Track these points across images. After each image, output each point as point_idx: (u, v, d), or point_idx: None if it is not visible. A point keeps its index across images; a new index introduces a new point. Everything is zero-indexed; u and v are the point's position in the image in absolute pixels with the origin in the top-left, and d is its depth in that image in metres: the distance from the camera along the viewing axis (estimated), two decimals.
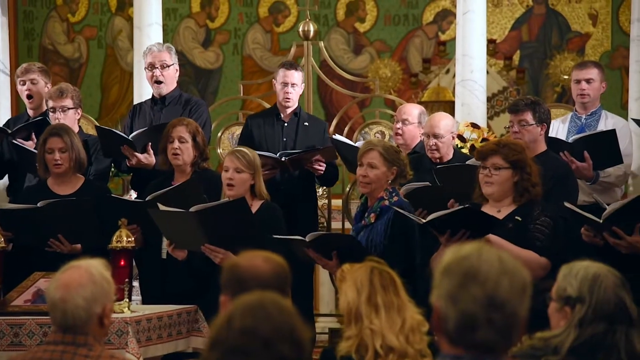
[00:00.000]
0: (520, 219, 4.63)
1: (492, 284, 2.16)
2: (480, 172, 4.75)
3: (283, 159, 6.18)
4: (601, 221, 4.48)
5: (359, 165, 5.11)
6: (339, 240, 5.14)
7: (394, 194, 5.06)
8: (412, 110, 6.54)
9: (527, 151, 4.87)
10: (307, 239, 4.89)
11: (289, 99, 6.54)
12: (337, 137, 6.66)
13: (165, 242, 5.52)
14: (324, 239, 4.97)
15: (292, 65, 6.65)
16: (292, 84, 6.53)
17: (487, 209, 4.75)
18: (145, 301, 5.84)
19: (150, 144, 6.02)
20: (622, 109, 9.65)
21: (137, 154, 6.00)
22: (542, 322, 2.89)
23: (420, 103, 9.57)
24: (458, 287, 2.18)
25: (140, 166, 6.06)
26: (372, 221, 5.00)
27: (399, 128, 6.50)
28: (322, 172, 6.34)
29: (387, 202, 5.02)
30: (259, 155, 5.78)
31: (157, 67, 6.39)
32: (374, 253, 4.63)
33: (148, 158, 6.01)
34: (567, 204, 4.64)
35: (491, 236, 4.54)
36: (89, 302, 2.87)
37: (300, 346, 2.15)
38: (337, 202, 7.72)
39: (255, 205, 5.27)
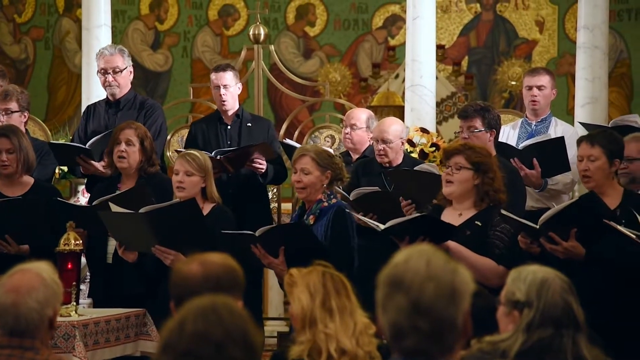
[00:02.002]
0: (480, 224, 4.65)
1: (416, 291, 2.17)
2: (444, 171, 4.78)
3: (218, 157, 6.14)
4: (538, 227, 4.52)
5: (293, 171, 5.12)
6: (291, 230, 5.11)
7: (332, 197, 5.09)
8: (360, 115, 6.57)
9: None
10: (256, 234, 4.87)
11: (224, 101, 6.51)
12: (287, 141, 6.66)
13: (112, 245, 5.48)
14: (274, 233, 4.93)
15: (222, 67, 6.61)
16: (224, 86, 6.50)
17: (449, 211, 4.77)
18: (97, 304, 5.79)
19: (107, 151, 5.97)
20: (568, 115, 9.78)
21: (94, 162, 5.94)
22: None
23: (369, 107, 9.61)
24: (385, 297, 2.20)
25: (97, 174, 6.01)
26: (311, 223, 5.01)
27: (347, 133, 6.52)
28: (262, 171, 6.32)
29: (326, 204, 5.04)
30: None
31: (110, 72, 6.35)
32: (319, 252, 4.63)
33: (105, 167, 5.95)
34: (503, 212, 4.67)
35: (450, 243, 4.56)
36: (42, 305, 2.84)
37: (252, 350, 2.15)
38: (287, 206, 7.73)
39: (206, 208, 5.26)
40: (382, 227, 4.67)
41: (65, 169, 7.22)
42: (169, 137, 7.67)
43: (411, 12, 7.88)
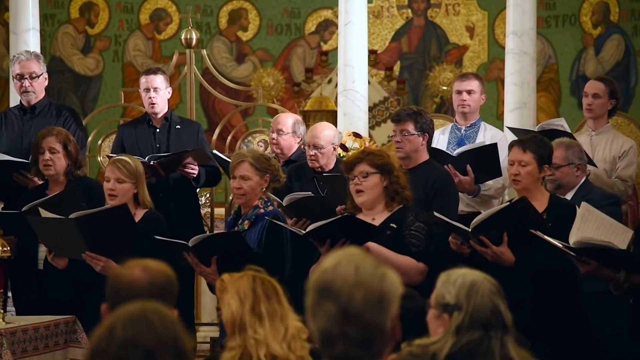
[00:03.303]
0: (395, 227, 4.70)
1: (345, 298, 2.18)
2: (350, 184, 4.81)
3: (152, 162, 6.11)
4: (470, 230, 4.58)
5: (232, 178, 5.11)
6: (224, 239, 5.10)
7: (269, 204, 5.09)
8: (287, 120, 6.58)
9: (408, 160, 4.95)
10: (190, 244, 4.85)
11: (153, 104, 6.48)
12: (216, 152, 6.64)
13: (42, 251, 5.41)
14: (207, 242, 4.92)
15: (152, 70, 6.58)
16: (155, 89, 6.47)
17: (361, 217, 4.80)
18: (19, 312, 5.70)
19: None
20: (498, 120, 9.91)
21: (33, 177, 5.86)
22: None
23: (302, 112, 9.64)
24: (314, 304, 2.20)
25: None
26: (246, 228, 5.00)
27: (274, 138, 6.53)
28: (194, 175, 6.30)
29: (262, 210, 5.04)
30: None
31: (26, 78, 6.29)
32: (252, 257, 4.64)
33: (32, 176, 5.86)
34: (436, 214, 4.73)
35: (370, 244, 4.60)
36: None
37: (183, 356, 2.14)
38: (220, 211, 7.70)
39: (138, 214, 5.22)
40: (303, 232, 4.70)
41: None
42: (100, 142, 7.59)
43: (343, 17, 7.91)
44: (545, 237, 4.41)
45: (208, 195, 7.82)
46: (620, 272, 4.37)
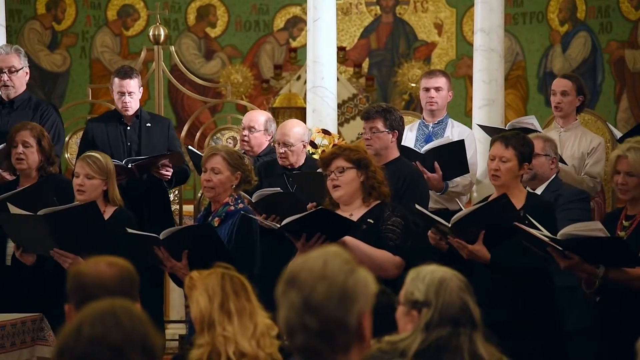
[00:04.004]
0: (372, 222, 4.71)
1: (308, 289, 2.19)
2: (327, 179, 4.81)
3: (129, 165, 6.10)
4: (449, 226, 4.60)
5: (203, 170, 5.10)
6: (196, 231, 5.09)
7: (239, 201, 5.08)
8: (259, 118, 6.58)
9: (378, 157, 4.95)
10: (160, 237, 4.83)
11: (127, 107, 6.49)
12: (191, 149, 6.64)
13: (11, 247, 5.37)
14: (178, 235, 4.90)
15: (127, 73, 6.54)
16: (129, 92, 6.47)
17: (339, 213, 4.81)
18: None
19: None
20: (466, 117, 9.95)
21: (4, 172, 5.81)
22: None
23: (271, 109, 9.63)
24: (281, 294, 2.22)
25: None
26: (216, 225, 4.99)
27: (245, 135, 6.53)
28: (168, 178, 6.29)
29: (232, 208, 5.03)
30: None
31: (5, 72, 6.27)
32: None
33: (4, 171, 5.82)
34: (418, 207, 4.75)
35: (347, 238, 4.61)
36: None
37: (151, 354, 2.13)
38: (188, 208, 7.67)
39: (108, 212, 5.19)
40: (278, 226, 4.69)
41: None
42: (67, 139, 7.54)
43: (312, 14, 7.91)
44: (532, 230, 4.42)
45: (177, 192, 7.79)
46: (600, 268, 4.39)
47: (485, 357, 2.81)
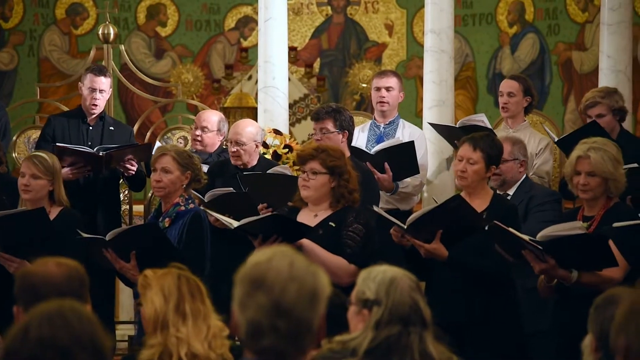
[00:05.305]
0: (334, 225, 4.71)
1: (278, 291, 2.18)
2: (300, 176, 4.82)
3: (101, 153, 6.10)
4: (405, 227, 4.62)
5: (152, 170, 5.08)
6: (142, 231, 5.04)
7: (190, 201, 5.06)
8: (212, 118, 6.57)
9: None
10: (107, 238, 4.79)
11: (95, 104, 6.47)
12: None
13: None
14: (125, 235, 4.86)
15: (101, 71, 6.54)
16: (100, 90, 6.48)
17: (305, 212, 4.81)
18: None
19: None
20: (416, 117, 10.00)
21: None
22: None
23: (222, 109, 9.60)
24: (246, 295, 2.20)
25: None
26: (167, 226, 4.97)
27: (198, 135, 6.51)
28: (133, 172, 6.27)
29: (183, 208, 5.01)
30: (76, 150, 5.65)
31: None
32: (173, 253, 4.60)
33: None
34: (375, 208, 4.76)
35: (304, 241, 4.60)
36: None
37: (100, 355, 2.11)
38: (138, 208, 7.62)
39: (53, 212, 5.14)
40: (235, 224, 4.67)
41: None
42: (15, 138, 7.45)
43: (263, 13, 7.90)
44: (511, 230, 4.40)
45: (126, 192, 7.74)
46: (573, 273, 4.40)
47: (435, 355, 2.83)
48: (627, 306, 2.25)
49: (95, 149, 6.11)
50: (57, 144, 6.15)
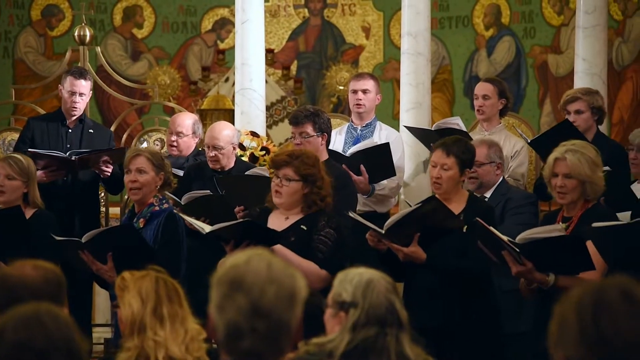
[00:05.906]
0: (305, 228, 4.70)
1: (257, 293, 2.19)
2: (273, 181, 4.81)
3: (73, 157, 6.07)
4: (383, 231, 4.62)
5: (126, 172, 5.05)
6: (117, 233, 5.02)
7: (164, 201, 5.05)
8: (186, 122, 6.57)
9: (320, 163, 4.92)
10: (82, 240, 4.77)
11: (75, 107, 6.46)
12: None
13: None
14: (101, 237, 4.84)
15: (82, 74, 6.53)
16: (80, 94, 6.46)
17: (276, 214, 4.81)
18: None
19: None
20: (393, 120, 10.03)
21: None
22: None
23: (199, 111, 9.58)
24: (224, 297, 2.20)
25: None
26: (141, 226, 4.95)
27: (173, 140, 6.51)
28: (108, 175, 6.25)
29: (157, 208, 4.99)
30: (47, 155, 5.63)
31: None
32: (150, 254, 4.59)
33: None
34: (351, 214, 4.76)
35: (276, 246, 4.60)
36: None
37: (76, 358, 2.11)
38: (115, 210, 7.60)
39: (28, 214, 5.13)
40: (207, 229, 4.67)
41: None
42: None
43: (240, 15, 7.89)
44: (492, 229, 4.40)
45: (103, 194, 7.71)
46: (550, 276, 4.41)
47: (411, 357, 2.84)
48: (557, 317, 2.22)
49: (67, 154, 6.08)
50: (29, 149, 6.13)
